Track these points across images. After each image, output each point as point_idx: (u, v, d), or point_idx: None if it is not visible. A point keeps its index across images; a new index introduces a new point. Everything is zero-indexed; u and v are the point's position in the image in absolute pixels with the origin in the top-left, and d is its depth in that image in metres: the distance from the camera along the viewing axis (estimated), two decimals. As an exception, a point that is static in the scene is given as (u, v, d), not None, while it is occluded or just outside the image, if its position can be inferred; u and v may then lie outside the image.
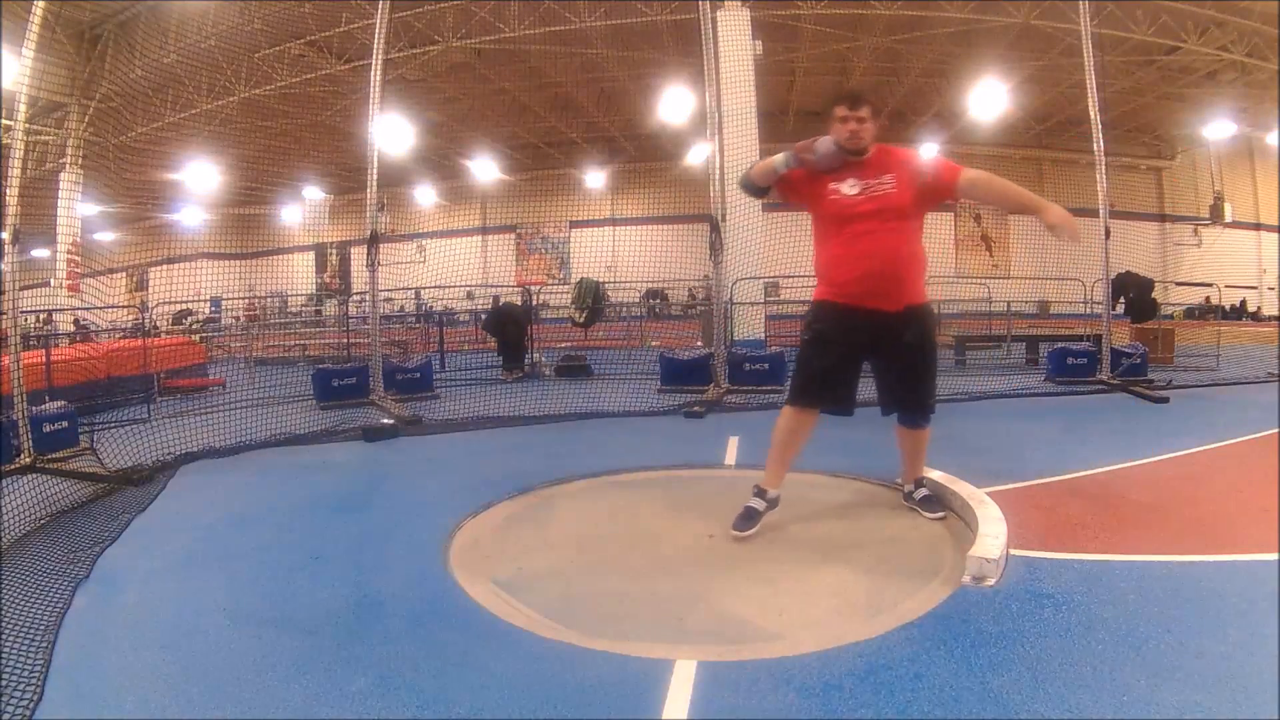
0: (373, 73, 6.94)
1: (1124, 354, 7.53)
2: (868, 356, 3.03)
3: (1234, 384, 7.47)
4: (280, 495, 3.91)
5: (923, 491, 3.19)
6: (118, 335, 9.79)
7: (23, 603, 2.42)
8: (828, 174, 2.89)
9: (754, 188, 3.10)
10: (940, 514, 3.09)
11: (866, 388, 3.06)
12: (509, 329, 9.52)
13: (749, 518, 2.98)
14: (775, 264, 9.85)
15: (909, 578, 2.53)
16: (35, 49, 4.70)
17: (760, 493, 3.06)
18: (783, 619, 2.28)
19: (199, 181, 15.89)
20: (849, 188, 2.86)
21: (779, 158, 2.94)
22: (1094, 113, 7.28)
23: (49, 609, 2.38)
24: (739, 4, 9.37)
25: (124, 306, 11.17)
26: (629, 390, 6.82)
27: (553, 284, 21.71)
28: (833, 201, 2.90)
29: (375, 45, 6.88)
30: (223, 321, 16.55)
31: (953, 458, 3.66)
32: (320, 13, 12.50)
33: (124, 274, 13.34)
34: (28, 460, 4.41)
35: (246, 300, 18.28)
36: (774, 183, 3.02)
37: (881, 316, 2.87)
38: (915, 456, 3.20)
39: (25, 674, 1.96)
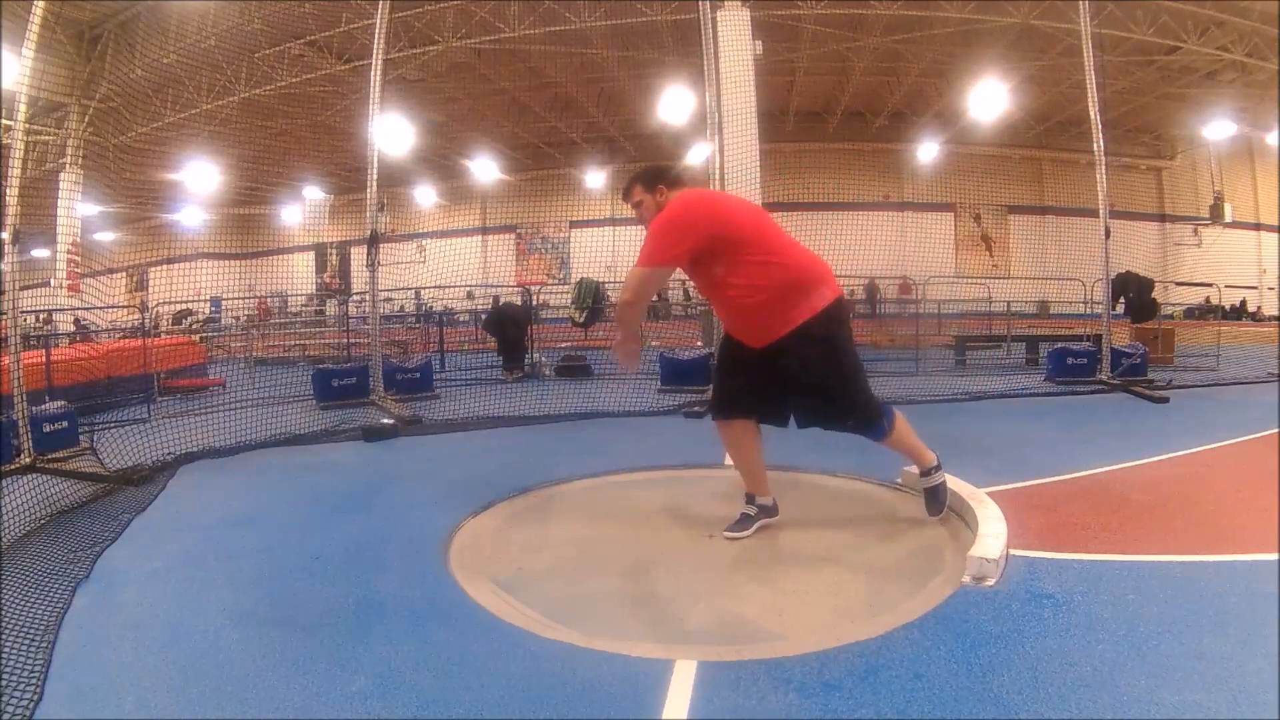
0: (373, 73, 6.94)
1: (1124, 354, 7.53)
2: (770, 376, 2.92)
3: (1234, 384, 7.48)
4: (280, 495, 3.92)
5: (928, 482, 3.06)
6: (118, 335, 9.80)
7: (23, 603, 2.42)
8: None
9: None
10: (938, 514, 3.05)
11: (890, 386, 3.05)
12: (509, 329, 9.52)
13: (742, 523, 3.00)
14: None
15: (909, 578, 2.53)
16: (35, 49, 4.70)
17: (750, 499, 3.07)
18: (783, 619, 2.28)
19: (199, 181, 15.89)
20: None
21: None
22: (1094, 113, 7.28)
23: (49, 609, 2.38)
24: (739, 4, 9.36)
25: (124, 306, 11.17)
26: (629, 390, 6.82)
27: (553, 284, 21.73)
28: None
29: (375, 45, 6.88)
30: (223, 321, 16.55)
31: (953, 458, 3.65)
32: (320, 13, 12.50)
33: (124, 274, 13.36)
34: (28, 460, 4.41)
35: (258, 299, 18.29)
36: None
37: (757, 348, 2.86)
38: (904, 451, 3.09)
39: (25, 674, 1.96)
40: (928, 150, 19.35)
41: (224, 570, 2.76)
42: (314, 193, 20.55)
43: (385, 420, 5.60)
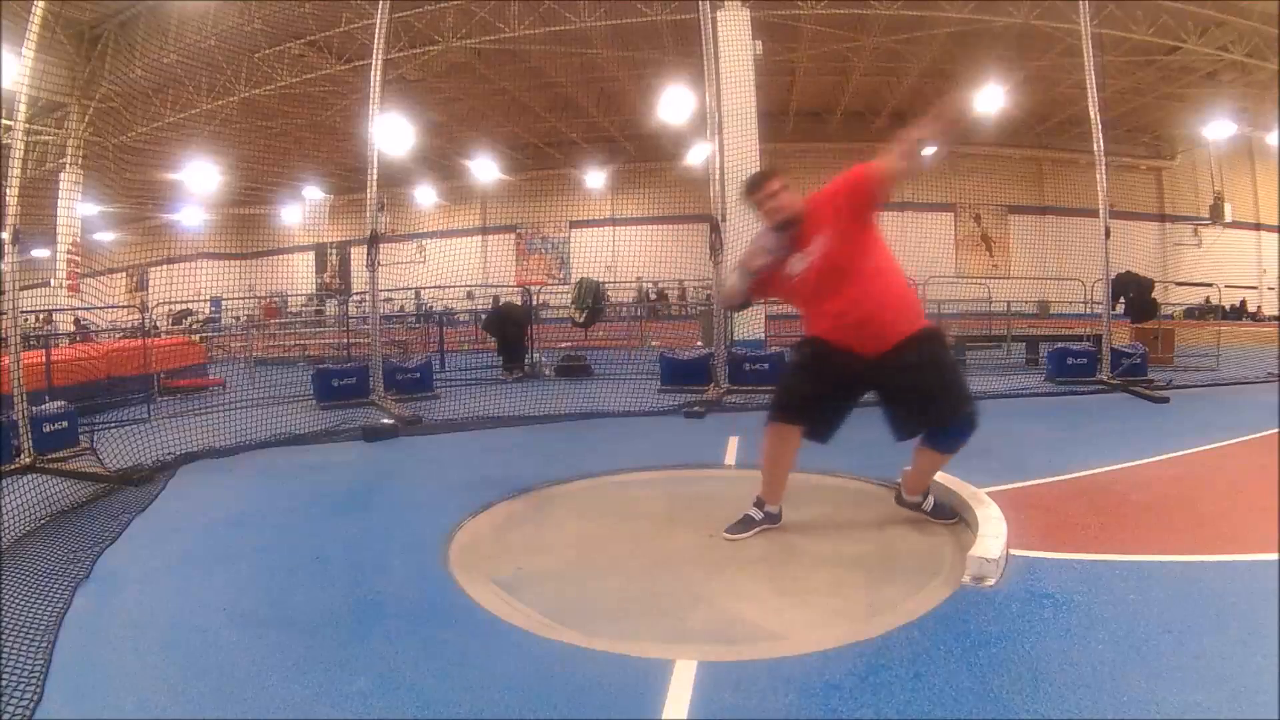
0: (373, 73, 6.95)
1: (1124, 354, 7.53)
2: (863, 388, 2.94)
3: (1234, 384, 7.47)
4: (280, 495, 3.92)
5: (926, 505, 3.14)
6: (118, 335, 9.79)
7: (23, 603, 2.42)
8: (785, 259, 2.88)
9: (735, 305, 3.34)
10: (954, 519, 3.07)
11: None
12: (509, 329, 9.53)
13: (744, 525, 3.00)
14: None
15: (909, 578, 2.53)
16: (35, 49, 4.70)
17: (759, 503, 3.06)
18: (783, 619, 2.28)
19: (199, 181, 15.86)
20: (797, 264, 2.86)
21: (735, 279, 3.01)
22: (1094, 113, 7.28)
23: (49, 609, 2.38)
24: (739, 4, 9.37)
25: (124, 306, 11.16)
26: (629, 390, 6.82)
27: (553, 284, 21.70)
28: (791, 288, 2.95)
29: (375, 45, 6.89)
30: (223, 321, 16.55)
31: (953, 458, 3.65)
32: (320, 13, 12.49)
33: (124, 274, 13.35)
34: (28, 460, 4.41)
35: (265, 301, 18.28)
36: (747, 296, 3.08)
37: (869, 357, 2.83)
38: (928, 473, 3.11)
39: (25, 674, 1.96)
40: (928, 150, 19.33)
41: (224, 570, 2.76)
42: (314, 193, 20.54)
43: (385, 420, 5.61)
